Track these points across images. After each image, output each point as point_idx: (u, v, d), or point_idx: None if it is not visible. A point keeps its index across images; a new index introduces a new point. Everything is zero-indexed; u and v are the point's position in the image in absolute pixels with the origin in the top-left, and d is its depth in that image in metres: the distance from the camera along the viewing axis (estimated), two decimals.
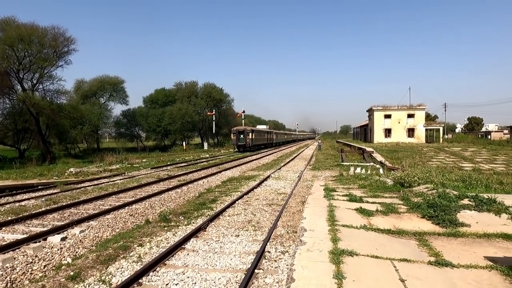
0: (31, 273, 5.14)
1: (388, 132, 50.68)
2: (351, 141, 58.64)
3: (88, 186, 13.65)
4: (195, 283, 4.62)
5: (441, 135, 50.10)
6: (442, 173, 12.36)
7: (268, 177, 15.49)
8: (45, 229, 7.00)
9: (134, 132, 56.80)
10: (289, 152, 37.38)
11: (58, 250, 5.99)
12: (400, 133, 49.79)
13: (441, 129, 51.17)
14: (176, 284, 4.60)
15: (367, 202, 8.46)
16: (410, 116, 50.02)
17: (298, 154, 32.86)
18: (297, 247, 5.16)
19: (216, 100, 60.17)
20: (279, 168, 19.51)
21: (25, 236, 6.44)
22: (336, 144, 54.18)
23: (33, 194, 11.96)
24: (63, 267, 5.36)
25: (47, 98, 32.37)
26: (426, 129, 49.64)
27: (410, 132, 49.90)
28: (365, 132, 62.40)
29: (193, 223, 7.74)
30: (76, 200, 10.41)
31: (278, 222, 7.59)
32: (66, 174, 17.86)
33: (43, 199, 10.84)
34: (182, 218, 8.35)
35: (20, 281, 4.91)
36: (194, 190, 12.48)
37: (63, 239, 6.50)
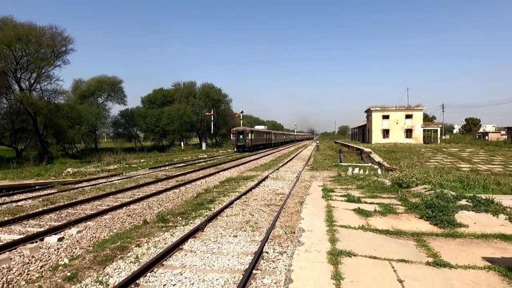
0: (28, 274, 5.10)
1: (386, 133, 50.79)
2: (349, 142, 58.74)
3: (86, 186, 13.60)
4: (193, 284, 4.60)
5: (439, 136, 50.27)
6: (440, 174, 12.39)
7: (267, 178, 15.48)
8: (42, 230, 6.95)
9: (132, 132, 56.67)
10: (288, 153, 37.39)
11: (55, 251, 5.96)
12: (398, 134, 49.91)
13: (439, 130, 51.34)
14: (174, 285, 4.58)
15: (365, 203, 8.46)
16: (408, 117, 50.17)
17: (297, 155, 32.88)
18: (295, 248, 5.16)
19: (215, 100, 60.18)
20: (278, 169, 19.51)
21: (22, 237, 6.40)
22: (334, 145, 54.19)
23: (30, 194, 11.90)
24: (60, 268, 5.33)
25: (45, 98, 32.27)
26: (424, 130, 49.78)
27: (408, 133, 50.04)
28: (363, 133, 62.50)
29: (191, 224, 7.72)
30: (74, 200, 10.36)
31: (276, 223, 7.58)
32: (64, 174, 17.80)
33: (40, 199, 10.79)
34: (180, 219, 8.32)
35: (17, 282, 4.87)
36: (192, 191, 12.45)
37: (60, 240, 6.47)
